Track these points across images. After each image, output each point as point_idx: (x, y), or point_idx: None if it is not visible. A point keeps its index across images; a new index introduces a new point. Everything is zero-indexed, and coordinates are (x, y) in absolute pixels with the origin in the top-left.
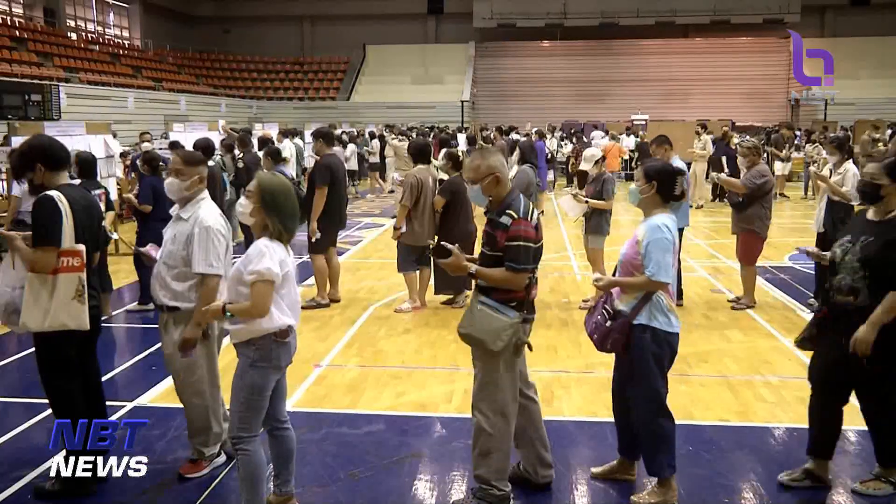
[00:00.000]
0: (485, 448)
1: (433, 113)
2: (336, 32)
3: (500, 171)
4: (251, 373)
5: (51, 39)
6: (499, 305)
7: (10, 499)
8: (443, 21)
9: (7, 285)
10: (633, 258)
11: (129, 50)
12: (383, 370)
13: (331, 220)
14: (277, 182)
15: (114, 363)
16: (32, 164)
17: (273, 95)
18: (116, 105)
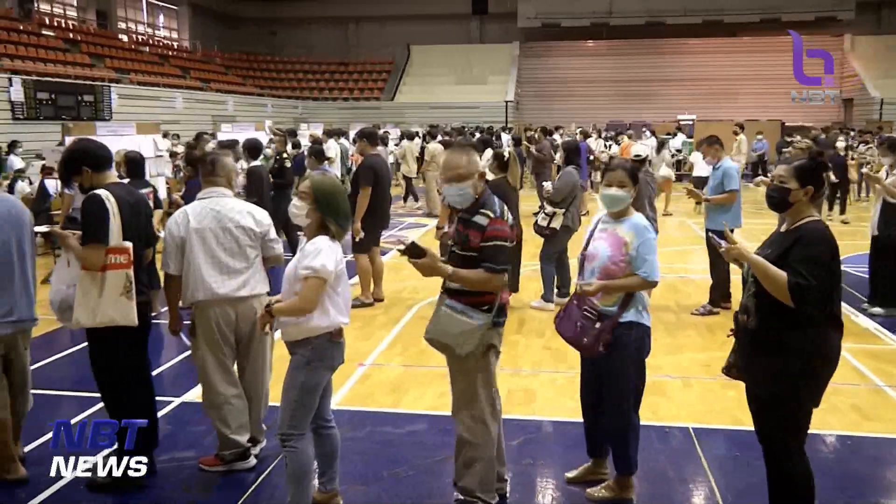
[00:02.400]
0: (468, 458)
1: (477, 113)
2: (380, 33)
3: (481, 168)
4: (305, 372)
5: (103, 41)
6: (466, 308)
7: (63, 490)
8: (487, 21)
9: (62, 283)
10: (619, 259)
11: (178, 51)
12: (426, 370)
13: (375, 220)
14: (330, 182)
15: (161, 359)
16: (78, 168)
17: (318, 96)
18: (165, 105)
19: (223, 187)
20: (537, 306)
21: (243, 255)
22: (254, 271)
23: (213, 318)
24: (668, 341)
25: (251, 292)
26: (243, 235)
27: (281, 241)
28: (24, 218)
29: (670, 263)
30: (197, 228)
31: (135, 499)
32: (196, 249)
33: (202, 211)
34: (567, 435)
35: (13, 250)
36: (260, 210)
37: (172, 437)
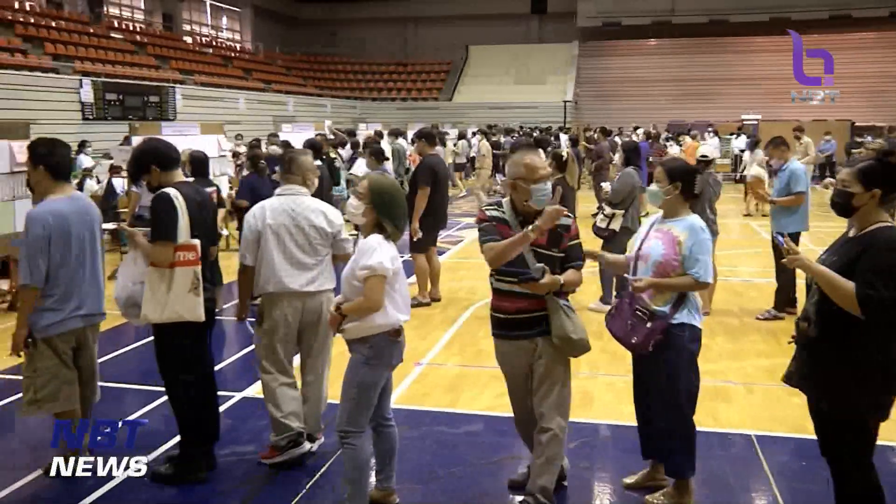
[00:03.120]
0: (553, 455)
1: (535, 113)
2: (439, 34)
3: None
4: (364, 370)
5: (168, 43)
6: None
7: (127, 480)
8: (546, 21)
9: (128, 280)
10: (672, 259)
11: (241, 53)
12: (483, 370)
13: (432, 220)
14: (387, 182)
15: (223, 355)
16: (147, 167)
17: (377, 96)
18: (228, 106)
19: (299, 185)
20: (595, 308)
21: (314, 252)
22: (322, 268)
23: (281, 310)
24: (730, 346)
25: (319, 288)
26: (315, 234)
27: (351, 241)
28: (93, 215)
29: (733, 266)
30: (272, 224)
31: (195, 491)
32: (270, 244)
33: (278, 207)
34: (625, 440)
35: (84, 247)
36: (333, 210)
37: (233, 431)
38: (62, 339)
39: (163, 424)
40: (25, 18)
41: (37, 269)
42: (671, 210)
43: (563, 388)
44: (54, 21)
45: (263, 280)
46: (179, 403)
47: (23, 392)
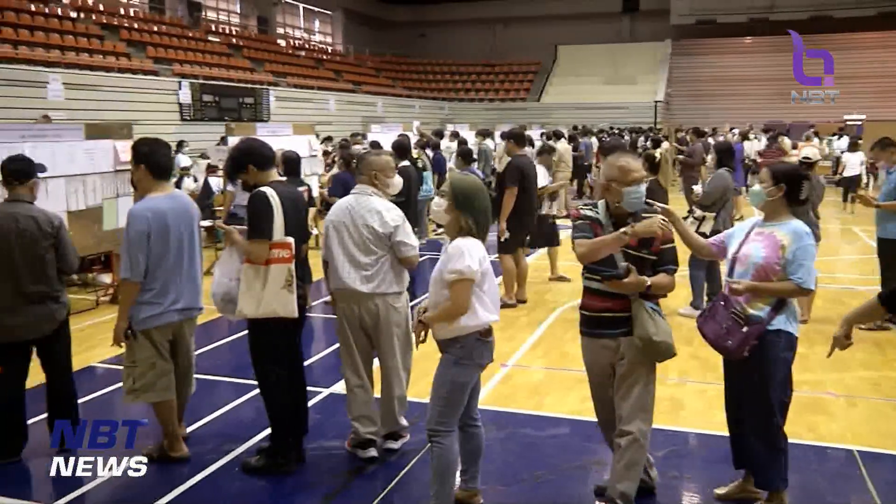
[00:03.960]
0: (633, 460)
1: (625, 114)
2: (527, 34)
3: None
4: (455, 370)
5: (263, 46)
6: (661, 311)
7: (220, 470)
8: (637, 19)
9: (225, 276)
10: (774, 263)
11: (332, 55)
12: (569, 373)
13: (521, 221)
14: (469, 182)
15: (312, 351)
16: (244, 166)
17: (464, 97)
18: (319, 107)
19: (366, 184)
20: (685, 313)
21: (370, 253)
22: (379, 269)
23: (344, 307)
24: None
25: (375, 290)
26: (368, 233)
27: (417, 244)
28: (192, 213)
29: (833, 273)
30: (333, 221)
31: (284, 483)
32: (332, 241)
33: (342, 205)
34: (716, 449)
35: (182, 243)
36: (392, 211)
37: (321, 426)
38: (160, 331)
39: (254, 417)
40: (129, 23)
41: (136, 264)
42: (773, 213)
43: (643, 391)
44: (156, 26)
45: (331, 277)
46: (270, 397)
47: (123, 381)
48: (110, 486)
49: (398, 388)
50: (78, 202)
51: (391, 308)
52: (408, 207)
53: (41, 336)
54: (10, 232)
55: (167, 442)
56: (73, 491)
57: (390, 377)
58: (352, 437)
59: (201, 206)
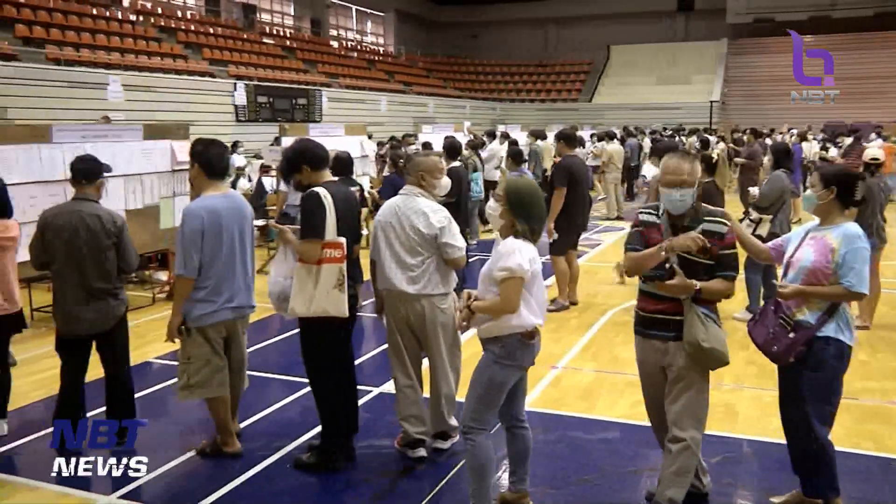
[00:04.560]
0: (684, 466)
1: (679, 114)
2: (580, 34)
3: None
4: (493, 368)
5: (316, 48)
6: (714, 316)
7: (272, 466)
8: (692, 18)
9: (279, 275)
10: (824, 266)
11: (384, 56)
12: (620, 377)
13: (571, 223)
14: (524, 184)
15: (362, 350)
16: (299, 167)
17: (515, 97)
18: (370, 108)
19: (413, 185)
20: (740, 317)
21: (416, 254)
22: (425, 270)
23: (390, 307)
24: (894, 364)
25: (420, 291)
26: (414, 235)
27: (463, 245)
28: (246, 212)
29: None
30: (380, 221)
31: (334, 480)
32: (380, 241)
33: (390, 206)
34: (772, 457)
35: (234, 242)
36: (439, 213)
37: (371, 424)
38: (214, 328)
39: (305, 414)
40: (186, 26)
41: (190, 261)
42: (826, 216)
43: (694, 397)
44: (211, 28)
45: (379, 277)
46: (321, 395)
47: (178, 377)
48: (165, 479)
49: (446, 388)
50: (136, 201)
51: (437, 309)
52: (458, 208)
53: (102, 331)
54: (78, 229)
55: (220, 438)
56: (128, 484)
57: (438, 377)
58: (401, 437)
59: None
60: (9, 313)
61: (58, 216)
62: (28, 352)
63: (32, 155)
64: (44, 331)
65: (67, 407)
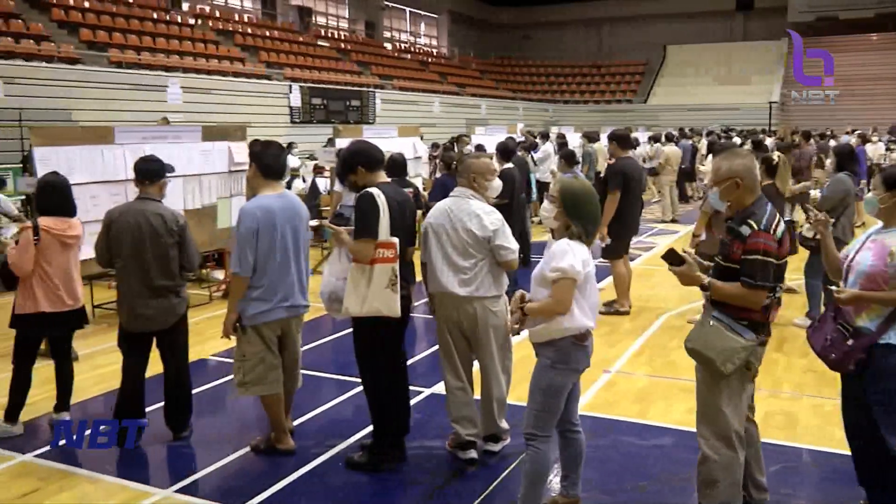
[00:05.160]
0: (709, 476)
1: (737, 115)
2: (635, 34)
3: (743, 175)
4: (550, 374)
5: (370, 50)
6: (734, 323)
7: (324, 464)
8: (752, 17)
9: (333, 276)
10: (882, 271)
11: (437, 58)
12: (674, 382)
13: (623, 226)
14: (579, 186)
15: (414, 350)
16: (354, 167)
17: (569, 98)
18: (423, 109)
19: (465, 187)
20: (800, 324)
21: (469, 256)
22: (478, 273)
23: (441, 310)
24: None
25: (472, 293)
26: (467, 237)
27: (516, 248)
28: (300, 213)
29: None
30: (432, 224)
31: (385, 480)
32: (431, 243)
33: (441, 208)
34: (833, 468)
35: (288, 242)
36: (491, 215)
37: (422, 425)
38: (268, 327)
39: (357, 414)
40: (243, 29)
41: (245, 260)
42: (889, 220)
43: (705, 401)
44: (268, 31)
45: (430, 279)
46: (372, 395)
47: (233, 374)
48: (220, 474)
49: (497, 391)
50: (194, 201)
51: (489, 312)
52: (511, 210)
53: (164, 328)
54: (142, 228)
55: (274, 435)
56: (186, 478)
57: (489, 380)
58: (452, 438)
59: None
60: (72, 309)
61: (123, 215)
62: (89, 347)
63: (95, 155)
64: (104, 327)
65: (128, 402)
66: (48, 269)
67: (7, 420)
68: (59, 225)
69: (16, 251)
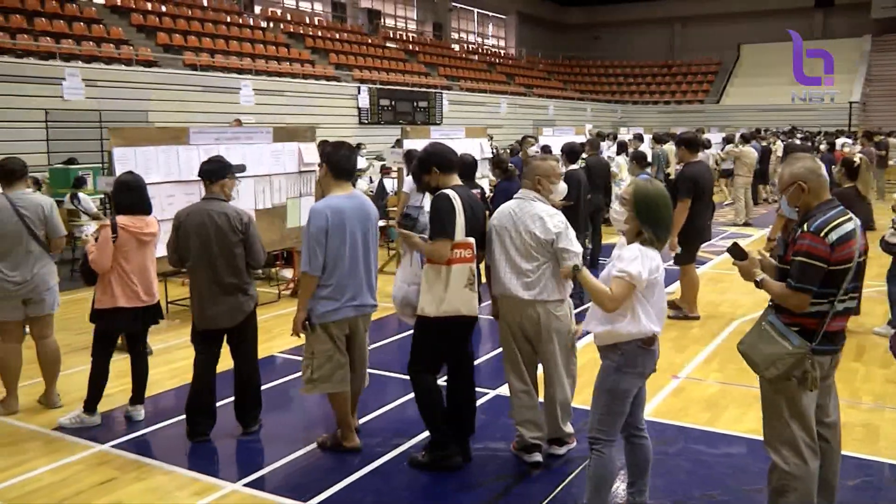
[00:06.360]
0: (779, 485)
1: (813, 116)
2: (708, 33)
3: (806, 178)
4: (615, 377)
5: (437, 51)
6: (785, 329)
7: (389, 463)
8: (832, 14)
9: (403, 281)
10: None
11: (504, 58)
12: (747, 390)
13: (696, 230)
14: (654, 190)
15: (479, 352)
16: (429, 168)
17: (639, 99)
18: (490, 110)
19: (529, 189)
20: (881, 332)
21: (532, 259)
22: (541, 276)
23: (505, 313)
24: None
25: (536, 297)
26: (530, 240)
27: (580, 251)
28: (370, 213)
29: None
30: (496, 226)
31: (449, 480)
32: (494, 245)
33: (505, 210)
34: None
35: (359, 242)
36: (555, 217)
37: (488, 426)
38: (337, 325)
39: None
40: (314, 32)
41: (314, 259)
42: None
43: (767, 408)
44: (338, 33)
45: (493, 281)
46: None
47: (302, 372)
48: (287, 469)
49: (561, 395)
50: (265, 201)
51: (552, 316)
52: (576, 212)
53: (233, 325)
54: (208, 227)
55: (341, 432)
56: (254, 472)
57: (553, 383)
58: (517, 441)
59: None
60: (148, 305)
61: (190, 215)
62: (163, 342)
63: (171, 156)
64: (177, 323)
65: (199, 396)
66: (125, 266)
67: (86, 411)
68: (136, 223)
69: (95, 248)
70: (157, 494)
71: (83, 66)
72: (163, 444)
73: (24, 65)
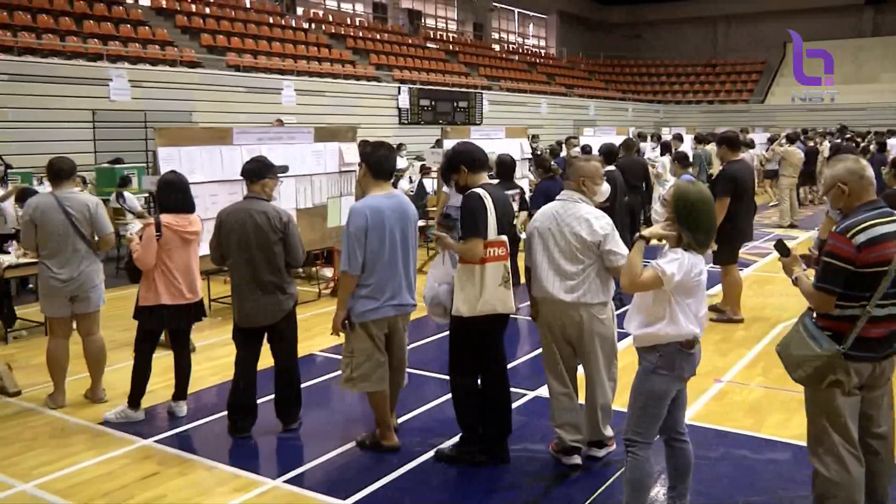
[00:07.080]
0: (821, 490)
1: (862, 116)
2: (753, 31)
3: (846, 179)
4: (652, 379)
5: (477, 51)
6: (817, 331)
7: (427, 462)
8: (883, 11)
9: (434, 280)
10: None
11: (545, 58)
12: (791, 395)
13: (737, 230)
14: (695, 192)
15: (517, 353)
16: (457, 167)
17: (681, 99)
18: (530, 111)
19: (573, 191)
20: None
21: (577, 261)
22: (585, 279)
23: (545, 315)
24: None
25: (578, 299)
26: (576, 241)
27: (626, 252)
28: (409, 213)
29: None
30: (539, 227)
31: (487, 481)
32: (536, 247)
33: (548, 211)
34: None
35: (398, 241)
36: (601, 219)
37: (526, 428)
38: (377, 324)
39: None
40: (355, 33)
41: (354, 258)
42: None
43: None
44: (378, 34)
45: (534, 283)
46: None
47: (341, 370)
48: (326, 467)
49: (602, 398)
50: (305, 200)
51: (595, 319)
52: (613, 213)
53: (273, 323)
54: (247, 226)
55: (379, 431)
56: (293, 469)
57: (594, 387)
58: (556, 443)
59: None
60: (191, 302)
61: (231, 214)
62: (206, 339)
63: (214, 155)
64: (220, 320)
65: (240, 393)
66: (169, 264)
67: (130, 406)
68: (180, 221)
69: (140, 247)
70: (198, 489)
71: (129, 67)
72: (204, 440)
73: (72, 66)
